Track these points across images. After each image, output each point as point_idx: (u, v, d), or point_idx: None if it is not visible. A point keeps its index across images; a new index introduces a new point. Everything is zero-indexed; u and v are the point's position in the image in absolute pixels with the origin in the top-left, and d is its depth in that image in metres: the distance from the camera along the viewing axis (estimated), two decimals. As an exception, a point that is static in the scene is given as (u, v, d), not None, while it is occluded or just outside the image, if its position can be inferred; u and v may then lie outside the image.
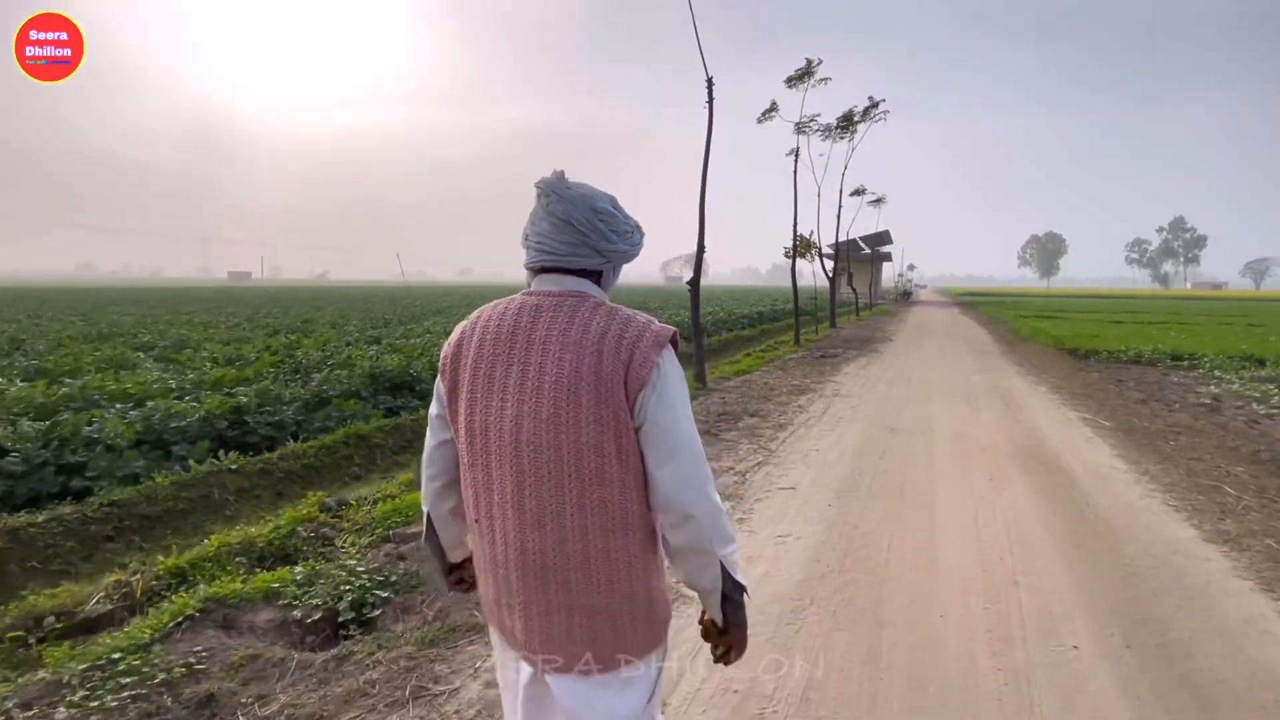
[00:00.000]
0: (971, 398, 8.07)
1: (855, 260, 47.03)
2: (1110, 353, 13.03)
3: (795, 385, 8.88)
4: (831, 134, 19.19)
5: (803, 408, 7.38)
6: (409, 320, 17.36)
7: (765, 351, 13.32)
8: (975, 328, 21.01)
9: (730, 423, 6.55)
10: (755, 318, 20.17)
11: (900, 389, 8.71)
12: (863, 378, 9.72)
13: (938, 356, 12.68)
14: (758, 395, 8.13)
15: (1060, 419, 6.91)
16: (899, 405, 7.59)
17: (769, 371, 10.30)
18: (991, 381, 9.40)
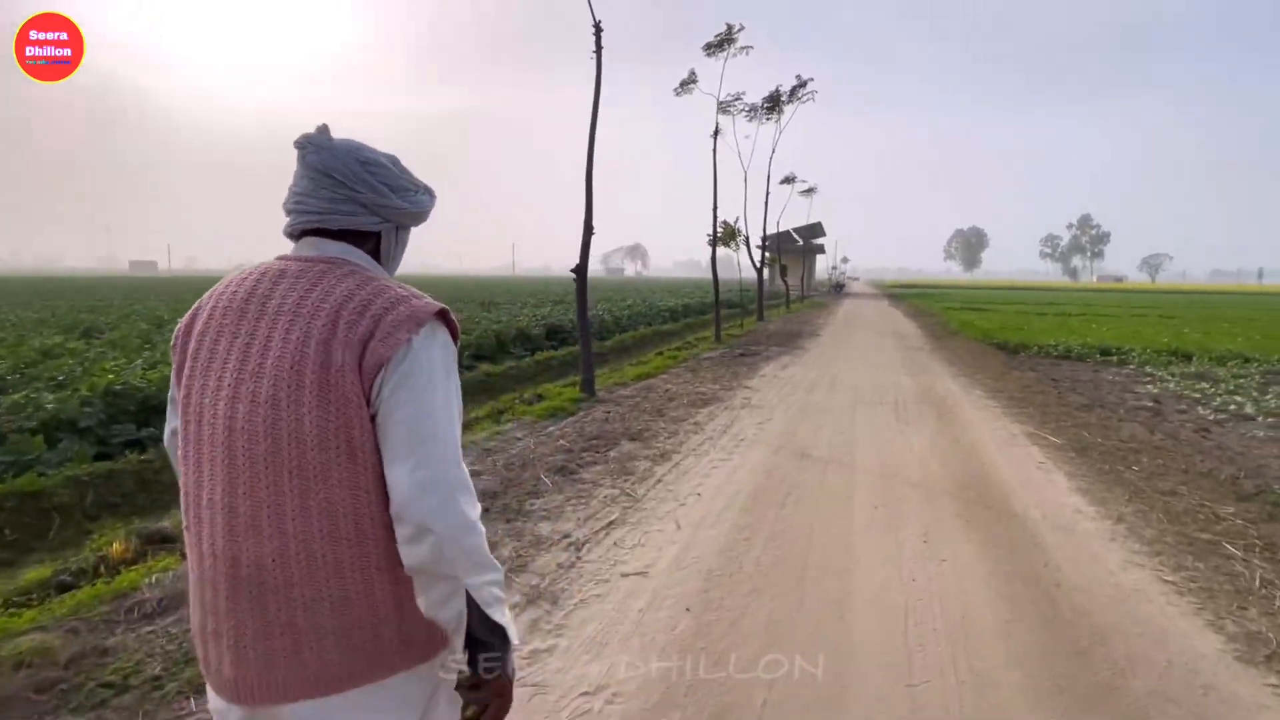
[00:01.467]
0: (901, 408, 6.87)
1: (788, 252, 46.78)
2: (1040, 348, 12.35)
3: (700, 393, 7.48)
4: (758, 115, 18.03)
5: (700, 425, 5.96)
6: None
7: (680, 350, 11.95)
8: (905, 321, 20.43)
9: (600, 451, 5.04)
10: (680, 311, 18.84)
11: (821, 396, 7.45)
12: (781, 381, 8.44)
13: (866, 354, 11.62)
14: (651, 408, 6.67)
15: (1003, 435, 5.76)
16: (817, 420, 6.29)
17: (676, 375, 8.89)
18: (923, 385, 8.29)
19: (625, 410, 6.57)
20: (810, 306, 29.17)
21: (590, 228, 7.51)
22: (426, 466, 0.86)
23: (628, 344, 12.79)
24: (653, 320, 16.55)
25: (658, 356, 10.95)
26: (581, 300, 7.51)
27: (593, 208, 7.52)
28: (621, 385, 8.06)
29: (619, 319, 14.78)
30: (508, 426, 5.84)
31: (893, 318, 22.00)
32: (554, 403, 6.75)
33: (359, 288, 0.91)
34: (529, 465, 4.62)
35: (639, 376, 8.64)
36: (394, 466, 0.87)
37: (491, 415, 6.59)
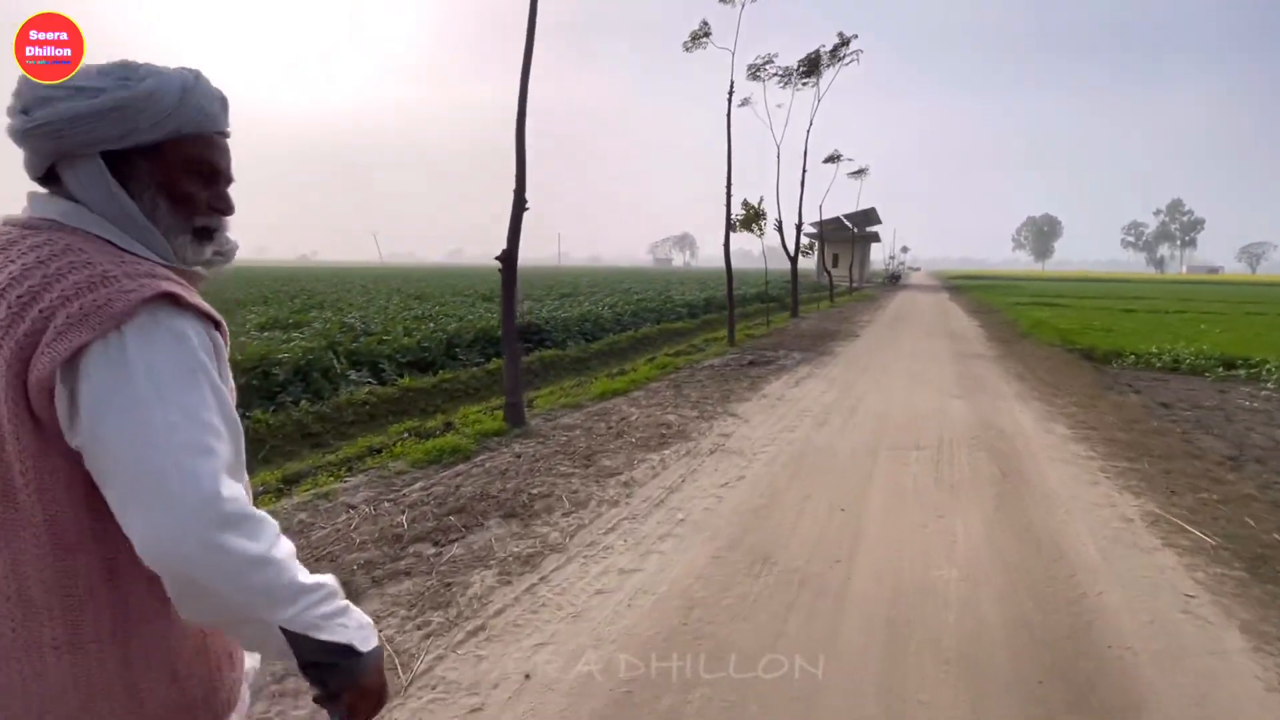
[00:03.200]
0: (945, 457, 4.74)
1: (837, 240, 43.76)
2: (1138, 356, 9.78)
3: (665, 425, 5.53)
4: (793, 80, 15.71)
5: (632, 487, 4.03)
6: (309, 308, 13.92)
7: (680, 355, 9.96)
8: (964, 318, 17.70)
9: (439, 544, 3.20)
10: (699, 306, 16.72)
11: (830, 434, 5.37)
12: (784, 407, 6.38)
13: (909, 365, 9.32)
14: (583, 450, 4.78)
15: (1110, 523, 3.58)
16: (811, 479, 4.26)
17: (652, 392, 6.95)
18: (981, 416, 6.07)
19: (546, 453, 4.71)
20: (858, 300, 26.41)
21: (522, 202, 5.64)
22: (167, 509, 0.67)
23: (622, 346, 10.91)
24: (664, 316, 14.55)
25: (647, 364, 9.02)
26: (508, 299, 5.65)
27: (525, 176, 5.65)
28: (572, 408, 6.20)
29: (619, 316, 12.88)
30: (353, 481, 4.07)
31: (950, 314, 19.24)
32: (457, 438, 4.96)
33: (41, 264, 0.71)
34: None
35: (603, 394, 6.76)
36: (124, 515, 0.69)
37: (363, 454, 4.85)
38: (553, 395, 6.80)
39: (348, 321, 9.29)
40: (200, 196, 0.83)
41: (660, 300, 16.01)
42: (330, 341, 7.24)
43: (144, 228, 0.78)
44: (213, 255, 0.89)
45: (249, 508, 0.73)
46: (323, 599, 0.77)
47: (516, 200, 5.64)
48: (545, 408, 6.20)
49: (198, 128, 0.80)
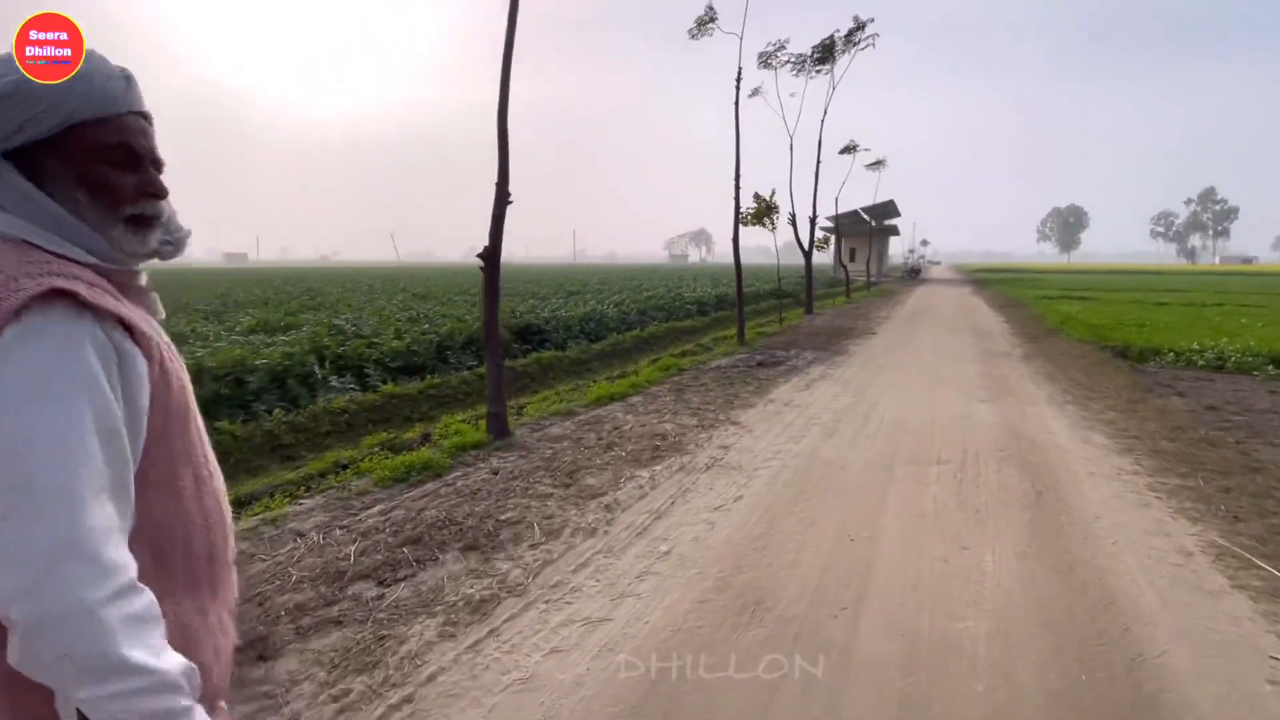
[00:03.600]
0: (970, 473, 4.24)
1: (855, 234, 42.84)
2: (1176, 353, 9.13)
3: (660, 436, 5.10)
4: (806, 67, 15.12)
5: (614, 510, 3.60)
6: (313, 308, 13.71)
7: (686, 355, 9.51)
8: (988, 313, 16.97)
9: (385, 583, 2.80)
10: (710, 303, 16.21)
11: (840, 446, 4.89)
12: (791, 413, 5.90)
13: (930, 365, 8.77)
14: (567, 466, 4.36)
15: (1169, 561, 3.06)
16: (816, 501, 3.79)
17: (652, 397, 6.52)
18: (1009, 423, 5.54)
19: (527, 469, 4.30)
20: (877, 295, 25.67)
21: (505, 196, 5.23)
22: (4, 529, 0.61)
23: (626, 346, 10.47)
24: (673, 314, 14.07)
25: (651, 366, 8.58)
26: (491, 300, 5.24)
27: (507, 169, 5.24)
28: (563, 416, 5.79)
29: (625, 315, 12.43)
30: (308, 504, 3.70)
31: (973, 309, 18.50)
32: (431, 452, 4.58)
33: None
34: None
35: (599, 400, 6.33)
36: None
37: (329, 470, 4.49)
38: (545, 401, 6.40)
39: (337, 324, 8.98)
40: (123, 183, 0.78)
41: (669, 298, 15.51)
42: (315, 345, 6.92)
43: (73, 226, 0.74)
44: (161, 245, 0.84)
45: (99, 547, 0.63)
46: (147, 691, 0.62)
47: (499, 195, 5.23)
48: (535, 415, 5.80)
49: (98, 111, 0.75)
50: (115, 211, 0.77)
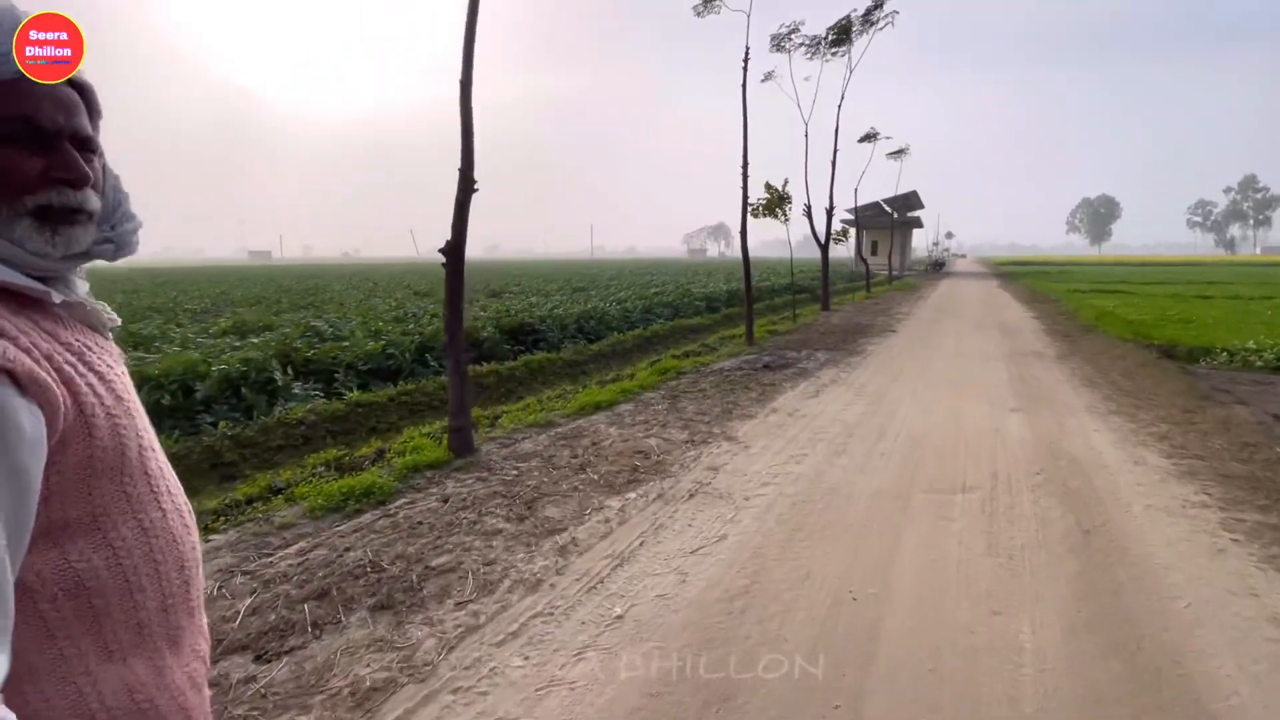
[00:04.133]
0: (1000, 512, 3.56)
1: (876, 227, 41.67)
2: (1230, 353, 8.29)
3: (638, 455, 4.50)
4: (821, 50, 14.33)
5: (570, 554, 3.01)
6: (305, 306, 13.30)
7: (689, 357, 8.89)
8: (1017, 309, 16.03)
9: (266, 658, 2.26)
10: (721, 299, 15.49)
11: (849, 469, 4.25)
12: (795, 425, 5.26)
13: (955, 367, 8.03)
14: (530, 491, 3.79)
15: (1263, 636, 2.38)
16: (805, 555, 3.16)
17: (643, 405, 5.93)
18: (1046, 438, 4.83)
19: (483, 495, 3.74)
20: (898, 289, 24.71)
21: (469, 184, 4.66)
22: None
23: (627, 346, 9.87)
24: (682, 311, 13.42)
25: (649, 367, 7.98)
26: (454, 300, 4.68)
27: (472, 154, 4.67)
28: (540, 428, 5.22)
29: (628, 312, 11.81)
30: (218, 540, 3.17)
31: (1001, 304, 17.55)
32: (378, 475, 4.05)
33: None
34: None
35: (583, 408, 5.76)
36: None
37: (262, 494, 3.97)
38: (526, 410, 5.84)
39: (315, 325, 8.52)
40: (23, 167, 0.65)
41: (677, 294, 14.84)
42: (282, 348, 6.45)
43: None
44: (95, 244, 0.73)
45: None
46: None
47: (462, 181, 4.66)
48: (509, 427, 5.24)
49: None
50: (15, 203, 0.65)
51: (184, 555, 0.75)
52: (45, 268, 0.67)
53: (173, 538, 0.73)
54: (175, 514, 0.75)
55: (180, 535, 0.75)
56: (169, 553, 0.72)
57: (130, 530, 0.68)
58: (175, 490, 0.76)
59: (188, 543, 0.76)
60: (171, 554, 0.72)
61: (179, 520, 0.75)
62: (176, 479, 0.78)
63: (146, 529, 0.70)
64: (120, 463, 0.67)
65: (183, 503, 0.77)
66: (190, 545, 0.77)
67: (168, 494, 0.74)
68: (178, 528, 0.75)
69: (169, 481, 0.75)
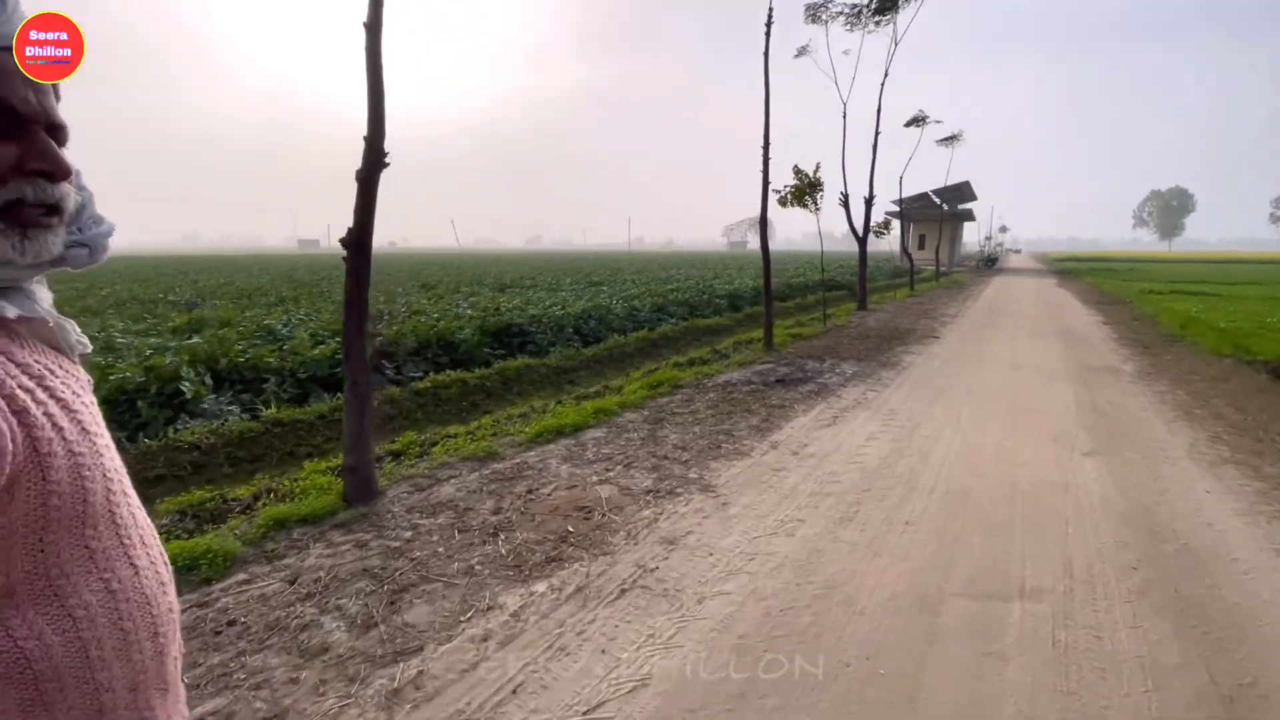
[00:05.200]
0: (1081, 647, 2.36)
1: (924, 219, 39.48)
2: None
3: (577, 514, 3.43)
4: (862, 20, 12.87)
5: (392, 713, 1.98)
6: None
7: (695, 365, 7.76)
8: (1081, 311, 14.26)
9: None
10: (747, 296, 14.18)
11: (849, 558, 3.09)
12: (791, 476, 4.10)
13: (1006, 387, 6.69)
14: (394, 580, 2.78)
15: None
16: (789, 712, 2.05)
17: (613, 432, 4.86)
18: (1137, 509, 3.55)
19: (344, 576, 2.76)
20: (946, 286, 22.85)
21: (379, 155, 3.65)
22: None
23: (628, 350, 8.79)
24: (699, 309, 12.23)
25: (644, 377, 6.89)
26: (354, 302, 3.68)
27: (383, 120, 3.67)
28: (478, 462, 4.22)
29: (635, 311, 10.70)
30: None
31: (1062, 306, 15.74)
32: (233, 532, 3.11)
33: None
34: None
35: (541, 435, 4.74)
36: None
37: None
38: (470, 437, 4.86)
39: (269, 323, 7.72)
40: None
41: (695, 291, 13.63)
42: (212, 353, 5.65)
43: None
44: (68, 247, 0.63)
45: None
46: None
47: (369, 155, 3.65)
48: (439, 460, 4.25)
49: None
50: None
51: (158, 620, 0.61)
52: (7, 277, 0.58)
53: (145, 600, 0.60)
54: (150, 570, 0.61)
55: (155, 596, 0.61)
56: (141, 619, 0.59)
57: (94, 594, 0.56)
58: (150, 540, 0.63)
59: (163, 604, 0.62)
60: (144, 620, 0.59)
61: (154, 578, 0.62)
62: (152, 527, 0.64)
63: (114, 591, 0.57)
64: (83, 511, 0.55)
65: (158, 555, 0.63)
66: (166, 607, 0.63)
67: (141, 545, 0.61)
68: (152, 587, 0.61)
69: (143, 530, 0.62)
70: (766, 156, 8.65)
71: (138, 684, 0.59)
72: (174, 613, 0.65)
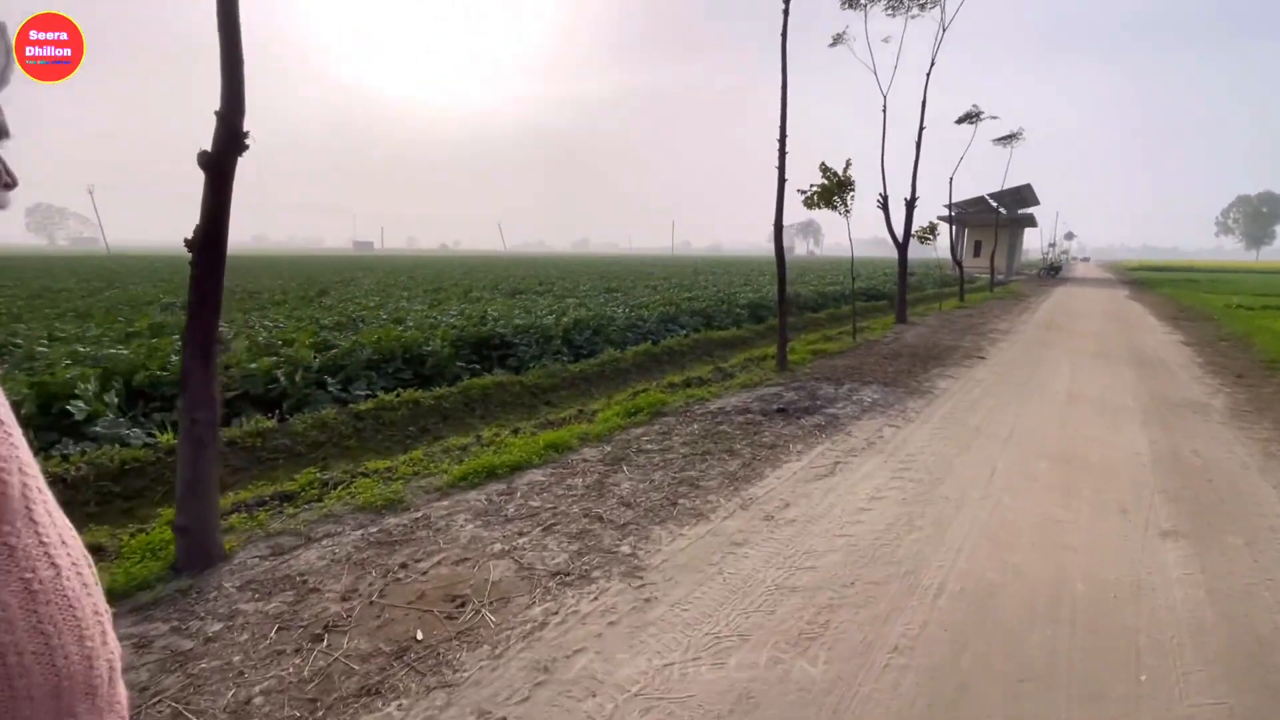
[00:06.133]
0: None
1: (980, 225, 37.31)
2: None
3: (440, 612, 2.58)
4: (905, 3, 11.68)
5: None
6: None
7: (688, 388, 6.84)
8: (1157, 329, 12.58)
9: None
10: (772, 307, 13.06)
11: (800, 713, 2.13)
12: (757, 551, 3.15)
13: (1060, 427, 5.52)
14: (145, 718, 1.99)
15: None
16: None
17: (554, 476, 4.01)
18: (1251, 640, 2.46)
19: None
20: (1001, 297, 21.08)
21: (235, 135, 2.91)
22: None
23: (624, 366, 7.91)
24: (716, 320, 11.24)
25: (626, 402, 6.01)
26: (200, 315, 2.95)
27: (241, 86, 2.93)
28: (373, 514, 3.44)
29: (639, 321, 9.79)
30: None
31: (1133, 322, 14.03)
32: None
33: None
34: None
35: (469, 476, 3.93)
36: None
37: None
38: (386, 476, 4.08)
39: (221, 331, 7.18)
40: None
41: (714, 299, 12.61)
42: (131, 365, 5.09)
43: None
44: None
45: None
46: None
47: (223, 134, 2.92)
48: (329, 507, 3.48)
49: None
50: None
51: (83, 623, 0.56)
52: None
53: (68, 602, 0.54)
54: (72, 570, 0.56)
55: (78, 597, 0.56)
56: (64, 621, 0.54)
57: (14, 594, 0.51)
58: (71, 541, 0.57)
59: (87, 606, 0.57)
60: (68, 623, 0.54)
61: (76, 579, 0.56)
62: (71, 527, 0.58)
63: (35, 592, 0.52)
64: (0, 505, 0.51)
65: (80, 555, 0.58)
66: (91, 609, 0.57)
67: (61, 545, 0.55)
68: (75, 588, 0.56)
69: (62, 530, 0.56)
70: (783, 150, 7.65)
71: (61, 691, 0.53)
72: (100, 615, 0.57)
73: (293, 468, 4.57)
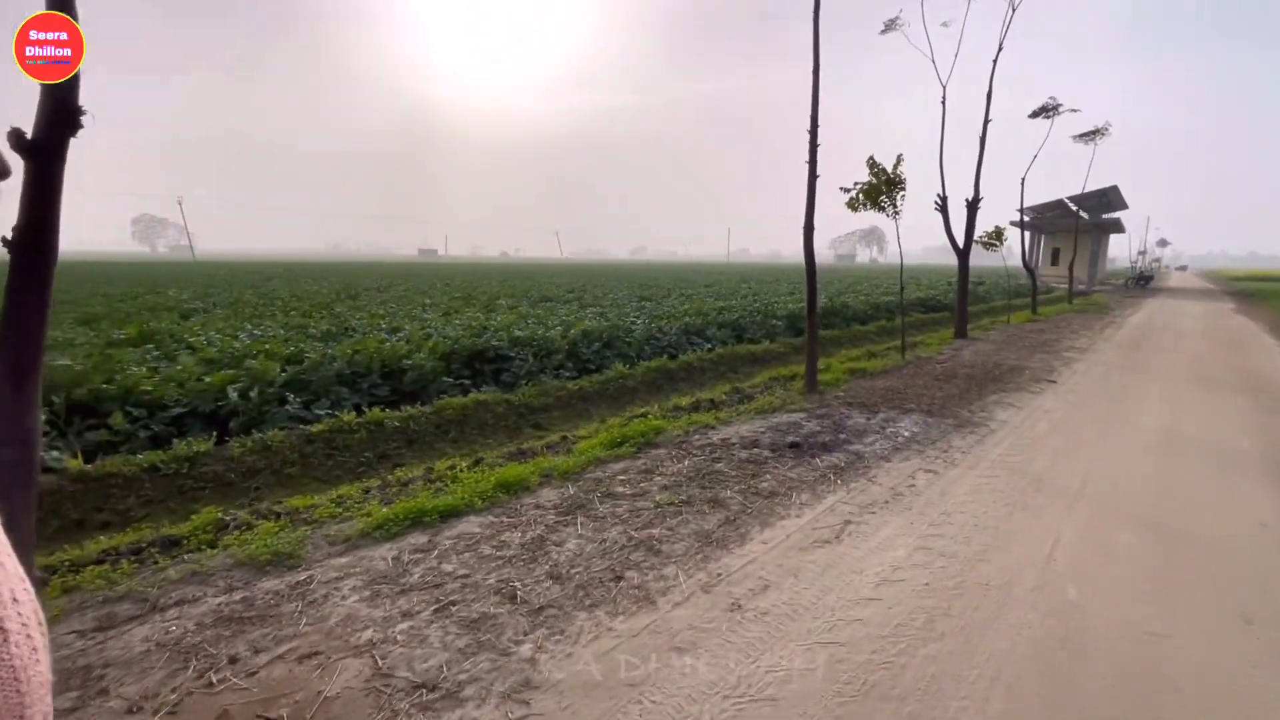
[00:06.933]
0: None
1: (1058, 230, 34.62)
2: None
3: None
4: (969, -18, 10.49)
5: None
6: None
7: (699, 411, 6.01)
8: (1272, 350, 10.76)
9: None
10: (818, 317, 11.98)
11: None
12: (691, 682, 2.33)
13: (1150, 479, 4.40)
14: None
15: None
16: None
17: (489, 534, 3.30)
18: None
19: None
20: (1080, 309, 19.05)
21: (68, 112, 2.37)
22: None
23: (632, 383, 7.14)
24: (747, 332, 10.29)
25: (617, 428, 5.25)
26: (15, 325, 2.41)
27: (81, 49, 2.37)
28: (254, 570, 2.82)
29: (659, 334, 8.97)
30: None
31: (1243, 340, 12.14)
32: None
33: None
34: None
35: (388, 522, 3.29)
36: None
37: None
38: (294, 520, 3.48)
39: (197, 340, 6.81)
40: None
41: (747, 310, 11.61)
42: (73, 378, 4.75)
43: None
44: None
45: None
46: None
47: (49, 109, 2.38)
48: (202, 563, 2.89)
49: None
50: None
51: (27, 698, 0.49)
52: None
53: (14, 675, 0.47)
54: (21, 635, 0.48)
55: (26, 667, 0.48)
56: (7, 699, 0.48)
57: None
58: (22, 597, 0.49)
59: (35, 678, 0.49)
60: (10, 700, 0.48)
61: (25, 644, 0.48)
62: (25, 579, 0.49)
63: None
64: None
65: (31, 614, 0.50)
66: (39, 681, 0.49)
67: (12, 603, 0.48)
68: (24, 656, 0.48)
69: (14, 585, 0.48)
70: (814, 142, 6.73)
71: None
72: (45, 687, 0.50)
73: (221, 499, 4.06)
